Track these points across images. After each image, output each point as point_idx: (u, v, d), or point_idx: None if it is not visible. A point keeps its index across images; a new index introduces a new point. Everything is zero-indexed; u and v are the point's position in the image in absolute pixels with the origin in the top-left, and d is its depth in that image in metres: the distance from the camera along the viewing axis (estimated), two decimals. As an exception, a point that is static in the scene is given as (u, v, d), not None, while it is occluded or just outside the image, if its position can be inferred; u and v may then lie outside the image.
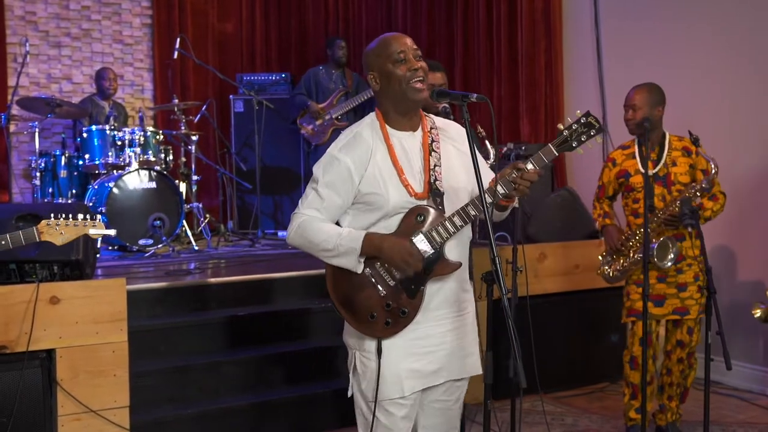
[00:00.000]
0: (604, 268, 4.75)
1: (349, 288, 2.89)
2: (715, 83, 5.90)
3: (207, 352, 5.02)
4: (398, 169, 2.88)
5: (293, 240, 2.93)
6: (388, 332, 2.87)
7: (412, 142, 2.96)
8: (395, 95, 2.91)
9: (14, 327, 4.03)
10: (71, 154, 7.40)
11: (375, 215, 2.89)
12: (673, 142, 4.60)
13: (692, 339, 4.60)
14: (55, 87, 8.71)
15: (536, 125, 7.31)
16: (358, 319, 2.89)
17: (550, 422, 5.10)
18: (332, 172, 2.89)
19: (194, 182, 7.80)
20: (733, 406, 5.42)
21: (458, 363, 2.99)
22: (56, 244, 3.26)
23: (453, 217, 2.84)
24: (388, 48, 2.90)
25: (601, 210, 4.81)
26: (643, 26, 6.44)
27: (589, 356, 5.72)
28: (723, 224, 5.70)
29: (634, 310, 4.62)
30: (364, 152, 2.89)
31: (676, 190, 4.50)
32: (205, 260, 6.63)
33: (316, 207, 2.90)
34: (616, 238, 4.64)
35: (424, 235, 2.84)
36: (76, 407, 4.17)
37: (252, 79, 8.97)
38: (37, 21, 8.65)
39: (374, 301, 2.87)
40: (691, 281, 4.56)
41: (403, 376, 2.88)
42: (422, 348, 2.91)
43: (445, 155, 2.97)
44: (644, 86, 4.57)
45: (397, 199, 2.86)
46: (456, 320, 2.99)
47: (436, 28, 8.46)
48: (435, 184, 2.90)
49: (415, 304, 2.87)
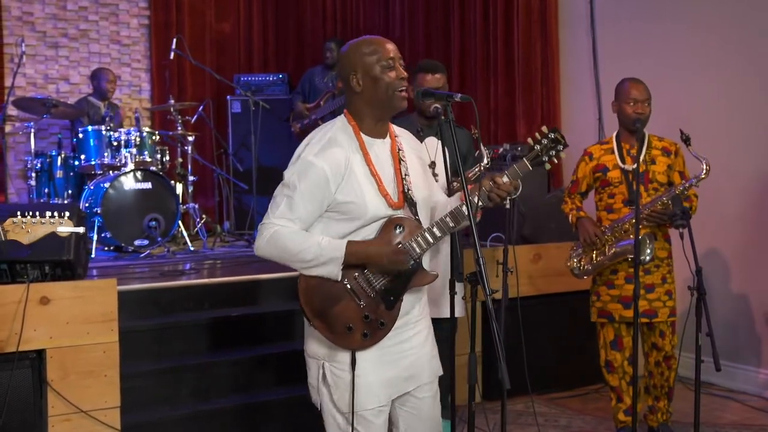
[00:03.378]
0: (573, 261, 4.71)
1: (325, 300, 2.82)
2: (710, 83, 5.89)
3: (199, 353, 5.02)
4: (377, 179, 2.82)
5: (263, 251, 2.83)
6: (365, 344, 2.83)
7: (383, 150, 2.90)
8: (378, 100, 2.84)
9: (4, 327, 4.02)
10: (67, 155, 7.39)
11: (350, 225, 2.81)
12: (653, 141, 4.59)
13: (665, 342, 4.57)
14: (53, 87, 8.72)
15: (532, 126, 7.29)
16: (334, 331, 2.82)
17: (544, 423, 5.09)
18: (308, 180, 2.76)
19: (190, 183, 7.79)
20: (728, 407, 5.41)
21: (427, 366, 3.01)
22: (23, 242, 3.22)
23: (432, 227, 2.83)
24: (378, 51, 2.82)
25: (573, 204, 4.78)
26: (639, 27, 6.44)
27: (584, 358, 5.69)
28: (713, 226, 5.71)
29: (605, 312, 4.61)
30: (341, 159, 2.78)
31: (653, 188, 4.50)
32: (201, 261, 6.62)
33: (288, 217, 2.78)
34: (592, 231, 4.58)
35: (405, 245, 2.82)
36: (66, 408, 4.16)
37: (249, 80, 8.97)
38: (34, 21, 8.66)
39: (352, 313, 2.81)
40: (659, 282, 4.55)
41: (378, 385, 2.85)
42: (395, 355, 2.90)
43: (411, 164, 2.94)
44: (640, 81, 4.54)
45: (375, 208, 2.80)
46: (419, 323, 3.00)
47: (433, 28, 8.46)
48: (409, 193, 2.88)
49: (392, 315, 2.85)
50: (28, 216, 3.16)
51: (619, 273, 4.56)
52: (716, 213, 5.65)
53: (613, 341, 4.63)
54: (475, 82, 7.85)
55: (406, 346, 2.92)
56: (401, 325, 2.90)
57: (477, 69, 7.82)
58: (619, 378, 4.66)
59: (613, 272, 4.59)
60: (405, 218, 2.86)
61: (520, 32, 7.32)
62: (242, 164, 8.40)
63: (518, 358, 4.52)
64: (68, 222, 3.16)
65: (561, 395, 5.67)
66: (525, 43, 7.31)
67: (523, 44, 7.31)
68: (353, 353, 2.82)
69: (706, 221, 5.38)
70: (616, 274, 4.58)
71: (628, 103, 4.50)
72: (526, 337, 5.11)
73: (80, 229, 3.34)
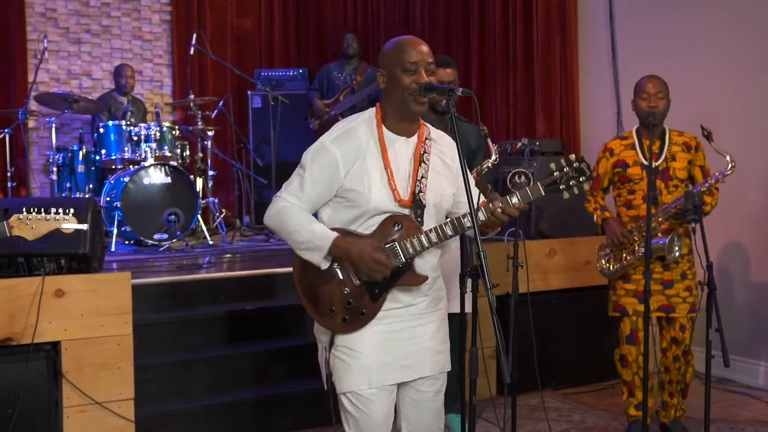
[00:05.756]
0: (602, 262, 4.70)
1: (316, 280, 2.92)
2: (729, 80, 5.83)
3: (215, 346, 5.06)
4: (389, 172, 2.88)
5: (269, 221, 2.94)
6: (345, 329, 2.91)
7: (405, 149, 2.95)
8: (396, 101, 2.91)
9: (20, 319, 4.08)
10: (89, 150, 7.47)
11: (354, 213, 2.90)
12: (673, 137, 4.56)
13: (685, 336, 4.55)
14: (75, 83, 8.81)
15: (551, 122, 7.27)
16: (319, 312, 2.94)
17: (557, 419, 5.08)
18: (320, 162, 2.87)
19: (210, 177, 7.85)
20: (746, 404, 5.37)
21: (430, 359, 3.01)
22: (27, 238, 3.26)
23: (430, 233, 2.87)
24: (402, 54, 2.88)
25: (597, 203, 4.75)
26: (658, 22, 6.39)
27: (600, 353, 5.66)
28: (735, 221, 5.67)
29: (619, 306, 4.61)
30: (355, 148, 2.87)
31: (673, 185, 4.48)
32: (219, 255, 6.68)
33: (297, 195, 2.89)
34: (620, 232, 4.57)
35: (398, 244, 2.87)
36: (81, 399, 4.22)
37: (269, 75, 9.01)
38: (57, 18, 8.75)
39: (336, 297, 2.90)
40: (678, 279, 4.52)
41: (374, 369, 2.90)
42: (395, 342, 2.94)
43: (434, 168, 2.98)
44: (658, 76, 4.52)
45: (379, 200, 2.86)
46: (428, 317, 3.02)
47: (453, 23, 8.45)
48: (419, 195, 2.91)
49: (375, 307, 2.90)
50: (33, 212, 3.20)
51: (638, 268, 4.54)
52: (738, 206, 5.61)
53: (629, 336, 4.61)
54: (495, 78, 7.83)
55: (408, 335, 2.96)
56: (406, 315, 2.95)
57: (496, 64, 7.80)
58: (633, 373, 4.64)
59: (632, 267, 4.58)
60: (406, 217, 2.90)
61: (540, 27, 7.29)
62: (262, 159, 8.43)
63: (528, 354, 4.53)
64: (72, 219, 3.20)
65: (576, 390, 5.66)
66: (544, 38, 7.28)
67: (542, 39, 7.28)
68: (333, 335, 2.94)
69: (728, 215, 5.35)
70: (635, 269, 4.56)
71: (642, 98, 4.49)
72: (542, 332, 5.13)
73: (84, 226, 3.39)
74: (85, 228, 3.45)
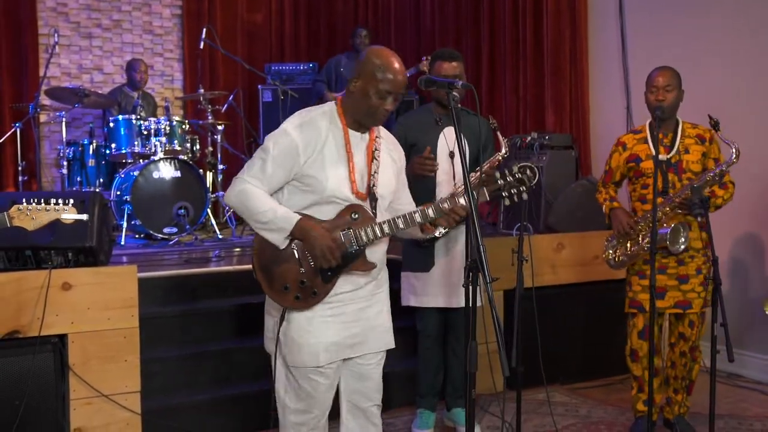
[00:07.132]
0: (608, 252, 4.68)
1: (273, 257, 3.08)
2: (741, 74, 5.80)
3: (221, 339, 5.07)
4: (351, 165, 3.06)
5: (230, 201, 3.09)
6: (296, 306, 3.08)
7: (360, 144, 3.15)
8: (359, 109, 3.09)
9: (27, 312, 4.09)
10: (99, 144, 7.49)
11: (308, 198, 3.06)
12: (686, 130, 4.52)
13: (693, 332, 4.53)
14: (86, 77, 8.85)
15: (561, 115, 7.26)
16: (273, 287, 3.10)
17: (564, 413, 5.07)
18: (281, 147, 3.03)
19: (220, 172, 7.86)
20: (755, 399, 5.34)
21: (375, 336, 3.23)
22: (28, 229, 3.28)
23: (383, 224, 3.08)
24: (380, 78, 3.01)
25: (607, 194, 4.73)
26: (668, 15, 6.36)
27: (609, 348, 5.65)
28: (746, 215, 5.64)
29: (636, 302, 4.56)
30: (315, 138, 3.04)
31: (687, 178, 4.43)
32: (228, 249, 6.70)
33: (259, 177, 3.04)
34: (625, 222, 4.53)
35: (354, 231, 3.06)
36: (88, 391, 4.23)
37: (279, 69, 9.02)
38: (68, 12, 8.80)
39: (291, 275, 3.06)
40: (693, 273, 4.48)
41: (321, 348, 3.08)
42: (343, 323, 3.13)
43: (384, 163, 3.19)
44: (669, 68, 4.48)
45: (334, 188, 3.04)
46: (375, 297, 3.22)
47: (463, 16, 8.43)
48: (373, 188, 3.13)
49: (326, 288, 3.09)
50: (33, 203, 3.22)
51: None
52: (752, 200, 5.59)
53: (641, 331, 4.57)
54: (504, 70, 7.82)
55: (355, 316, 3.17)
56: (355, 298, 3.16)
57: (506, 57, 7.79)
58: (643, 368, 4.61)
59: (646, 262, 4.52)
60: (363, 207, 3.10)
61: (549, 20, 7.27)
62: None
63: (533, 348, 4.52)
64: (72, 209, 3.22)
65: (584, 385, 5.64)
66: (554, 31, 7.26)
67: (552, 32, 7.27)
68: (284, 311, 3.10)
69: (742, 208, 5.33)
70: (646, 263, 4.53)
71: (651, 91, 4.46)
72: (549, 327, 5.12)
73: (83, 216, 3.41)
74: (84, 218, 3.46)
